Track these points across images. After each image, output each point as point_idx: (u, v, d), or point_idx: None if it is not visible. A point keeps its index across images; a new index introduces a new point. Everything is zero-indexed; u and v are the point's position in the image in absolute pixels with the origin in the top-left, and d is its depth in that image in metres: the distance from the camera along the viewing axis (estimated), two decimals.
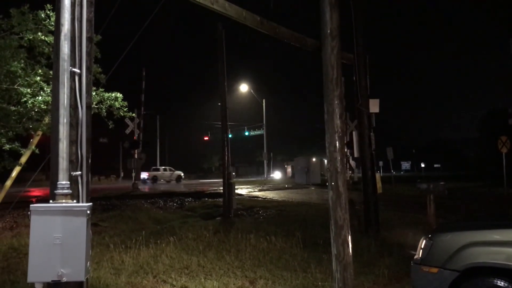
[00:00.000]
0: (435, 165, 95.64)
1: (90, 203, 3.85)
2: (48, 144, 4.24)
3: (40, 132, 9.79)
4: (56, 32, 4.12)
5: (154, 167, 51.58)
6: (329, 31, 4.82)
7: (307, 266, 7.05)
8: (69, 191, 3.82)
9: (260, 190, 30.49)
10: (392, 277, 6.59)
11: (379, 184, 10.71)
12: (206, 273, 6.91)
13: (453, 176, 49.13)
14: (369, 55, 10.83)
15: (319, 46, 5.11)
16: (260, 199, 22.32)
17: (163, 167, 53.29)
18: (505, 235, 4.23)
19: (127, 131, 31.93)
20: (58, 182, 3.80)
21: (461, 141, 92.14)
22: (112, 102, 9.77)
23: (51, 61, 8.83)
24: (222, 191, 15.69)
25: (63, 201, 3.74)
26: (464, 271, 4.14)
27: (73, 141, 3.97)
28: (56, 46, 4.02)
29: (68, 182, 3.84)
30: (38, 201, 14.82)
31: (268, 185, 38.54)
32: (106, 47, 9.92)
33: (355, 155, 11.06)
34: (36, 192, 26.85)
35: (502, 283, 3.93)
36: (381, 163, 45.10)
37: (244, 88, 45.09)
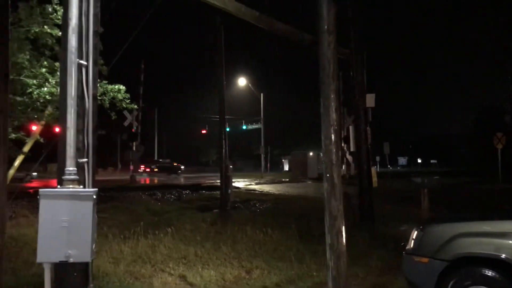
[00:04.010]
0: (432, 161, 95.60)
1: (96, 189, 4.00)
2: (49, 136, 4.39)
3: (43, 122, 9.90)
4: (64, 26, 4.29)
5: None
6: (326, 27, 4.83)
7: (302, 257, 7.16)
8: (76, 177, 3.96)
9: (257, 184, 30.60)
10: (385, 267, 6.71)
11: (374, 178, 10.85)
12: (203, 263, 7.00)
13: (449, 171, 49.24)
14: (367, 50, 10.92)
15: (315, 41, 5.16)
16: (257, 192, 22.44)
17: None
18: (493, 226, 4.35)
19: (126, 123, 31.94)
20: (65, 169, 3.94)
21: (458, 137, 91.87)
22: (115, 94, 9.91)
23: (55, 53, 8.99)
24: (219, 184, 15.77)
25: (70, 186, 3.89)
26: (454, 261, 4.23)
27: (80, 130, 4.13)
28: (64, 39, 4.18)
29: (75, 169, 3.98)
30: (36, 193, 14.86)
31: (265, 178, 38.62)
32: (105, 39, 10.03)
33: (352, 149, 11.18)
34: (35, 183, 26.85)
35: (490, 272, 4.02)
36: (378, 158, 45.18)
37: (242, 81, 44.75)
